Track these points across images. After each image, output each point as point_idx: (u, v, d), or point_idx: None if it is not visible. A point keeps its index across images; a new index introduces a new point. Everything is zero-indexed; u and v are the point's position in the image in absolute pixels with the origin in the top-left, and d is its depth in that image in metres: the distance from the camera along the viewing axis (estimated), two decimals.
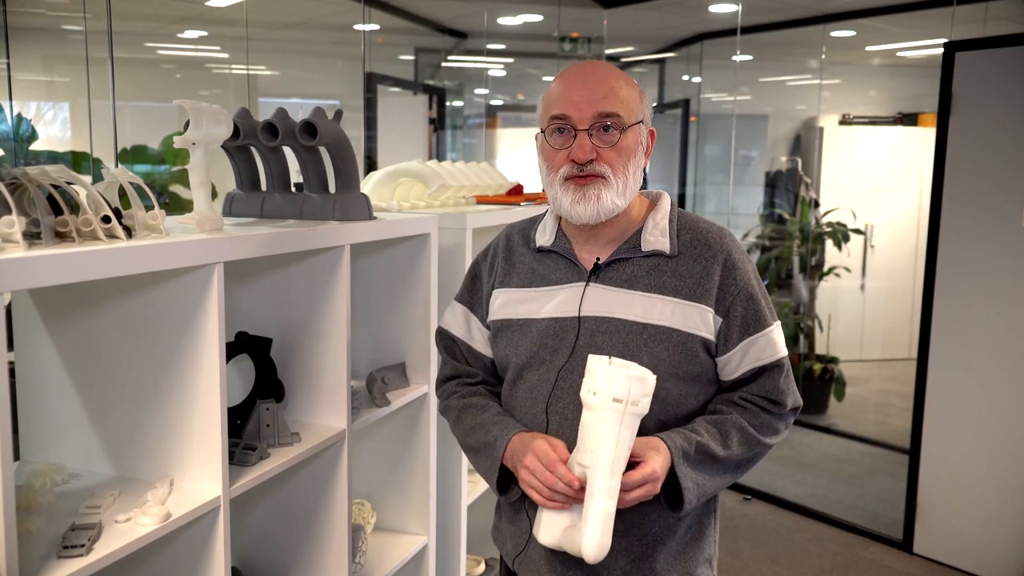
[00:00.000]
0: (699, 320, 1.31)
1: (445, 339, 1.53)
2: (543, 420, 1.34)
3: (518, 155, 6.77)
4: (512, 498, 1.38)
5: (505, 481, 1.36)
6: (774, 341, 1.36)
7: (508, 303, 1.41)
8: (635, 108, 1.32)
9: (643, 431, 1.24)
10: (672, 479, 1.26)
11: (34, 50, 4.37)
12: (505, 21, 5.72)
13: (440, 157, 6.07)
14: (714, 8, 5.24)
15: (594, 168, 1.29)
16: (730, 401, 1.37)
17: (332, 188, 1.82)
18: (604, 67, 1.34)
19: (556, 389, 1.33)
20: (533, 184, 3.24)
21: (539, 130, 1.36)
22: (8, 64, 3.70)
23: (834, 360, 5.33)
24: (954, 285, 3.35)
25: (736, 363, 1.35)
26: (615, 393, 1.15)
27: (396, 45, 6.18)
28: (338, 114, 1.77)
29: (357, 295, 2.08)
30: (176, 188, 4.02)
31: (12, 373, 1.47)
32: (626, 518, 1.32)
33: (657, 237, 1.35)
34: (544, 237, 1.42)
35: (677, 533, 1.36)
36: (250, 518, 1.84)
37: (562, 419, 1.32)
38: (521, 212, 2.46)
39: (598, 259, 1.36)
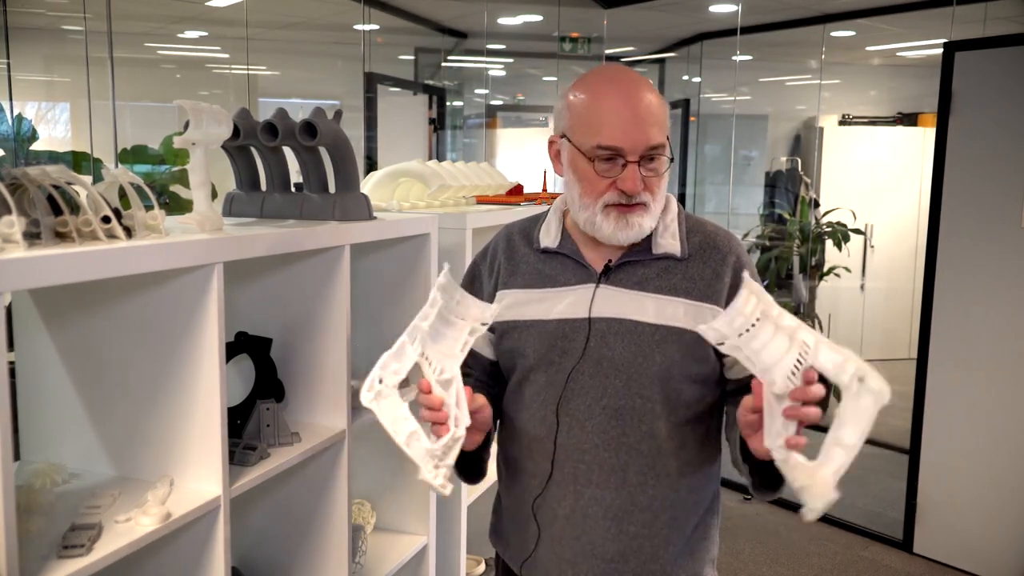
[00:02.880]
0: (710, 320, 1.31)
1: None
2: (553, 422, 1.33)
3: (518, 155, 6.77)
4: None
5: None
6: None
7: (515, 304, 1.40)
8: (666, 130, 1.30)
9: (657, 434, 1.28)
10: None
11: (34, 50, 4.38)
12: (505, 21, 5.72)
13: (440, 157, 6.07)
14: (714, 8, 5.25)
15: (640, 197, 1.29)
16: None
17: (332, 188, 1.81)
18: (646, 87, 1.28)
19: (567, 391, 1.32)
20: (533, 184, 3.24)
21: (560, 135, 1.33)
22: (8, 64, 3.71)
23: None
24: (954, 285, 3.35)
25: None
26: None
27: (396, 45, 6.18)
28: (338, 114, 1.77)
29: (357, 295, 2.08)
30: (176, 188, 4.03)
31: (12, 373, 1.47)
32: (638, 518, 1.32)
33: (668, 240, 1.35)
34: (549, 238, 1.40)
35: (686, 533, 1.37)
36: (250, 518, 1.84)
37: (572, 420, 1.31)
38: (521, 212, 2.46)
39: (609, 261, 1.36)
